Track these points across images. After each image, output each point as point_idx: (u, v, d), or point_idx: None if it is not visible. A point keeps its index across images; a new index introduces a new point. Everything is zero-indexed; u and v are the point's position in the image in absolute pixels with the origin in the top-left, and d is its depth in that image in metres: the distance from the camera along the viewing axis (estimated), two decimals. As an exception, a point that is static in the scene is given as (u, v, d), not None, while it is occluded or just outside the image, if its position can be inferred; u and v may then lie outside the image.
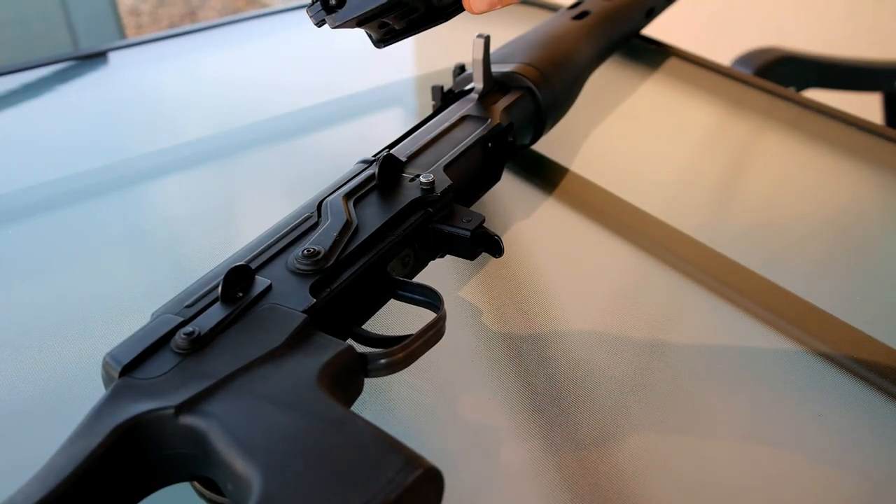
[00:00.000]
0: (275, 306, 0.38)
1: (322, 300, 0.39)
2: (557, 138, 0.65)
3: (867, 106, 1.05)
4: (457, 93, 0.58)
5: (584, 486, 0.38)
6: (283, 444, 0.31)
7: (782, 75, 1.03)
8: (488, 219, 0.47)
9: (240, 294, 0.38)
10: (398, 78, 0.82)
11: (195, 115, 0.76)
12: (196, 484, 0.35)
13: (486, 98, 0.57)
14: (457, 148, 0.51)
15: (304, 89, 0.79)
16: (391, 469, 0.29)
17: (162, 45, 0.88)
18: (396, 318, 0.47)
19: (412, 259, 0.45)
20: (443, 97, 0.58)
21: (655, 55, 0.83)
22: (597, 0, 0.71)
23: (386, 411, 0.42)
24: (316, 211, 0.44)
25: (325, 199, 0.45)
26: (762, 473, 0.39)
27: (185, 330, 0.35)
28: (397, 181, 0.47)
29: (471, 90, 0.57)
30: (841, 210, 0.62)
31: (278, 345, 0.35)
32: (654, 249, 0.55)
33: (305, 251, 0.40)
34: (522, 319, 0.48)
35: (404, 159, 0.49)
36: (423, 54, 0.88)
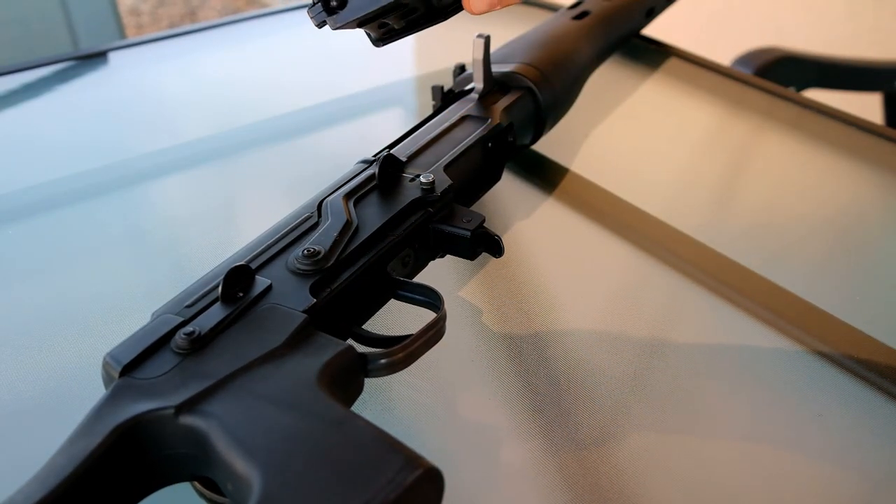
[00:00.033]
0: (275, 306, 0.38)
1: (322, 300, 0.39)
2: (557, 138, 0.65)
3: (867, 106, 1.05)
4: (457, 93, 0.58)
5: (585, 486, 0.38)
6: (283, 444, 0.31)
7: (782, 75, 1.03)
8: (488, 219, 0.47)
9: (240, 294, 0.38)
10: (398, 78, 0.82)
11: (195, 115, 0.76)
12: (196, 484, 0.35)
13: (487, 98, 0.56)
14: (457, 148, 0.51)
15: (304, 89, 0.79)
16: (391, 469, 0.30)
17: (162, 45, 0.88)
18: (396, 318, 0.47)
19: (412, 259, 0.45)
20: (443, 97, 0.58)
21: (655, 55, 0.83)
22: (597, 0, 0.71)
23: (386, 411, 0.42)
24: (316, 211, 0.44)
25: (325, 199, 0.45)
26: (762, 473, 0.39)
27: (186, 330, 0.35)
28: (397, 181, 0.47)
29: (471, 90, 0.57)
30: (841, 210, 0.62)
31: (278, 345, 0.35)
32: (654, 249, 0.55)
33: (305, 251, 0.40)
34: (523, 319, 0.48)
35: (404, 159, 0.49)
36: (423, 54, 0.88)
